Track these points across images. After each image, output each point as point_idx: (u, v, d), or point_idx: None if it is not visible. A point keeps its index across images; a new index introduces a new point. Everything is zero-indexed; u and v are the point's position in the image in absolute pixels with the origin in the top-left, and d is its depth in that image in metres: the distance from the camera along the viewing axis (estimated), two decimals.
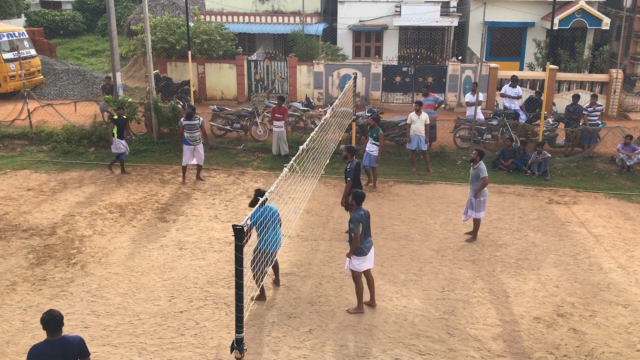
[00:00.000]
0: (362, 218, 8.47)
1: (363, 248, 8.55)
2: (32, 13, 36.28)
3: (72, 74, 24.30)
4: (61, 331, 5.59)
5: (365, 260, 8.63)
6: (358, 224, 8.41)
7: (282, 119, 15.80)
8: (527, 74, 21.37)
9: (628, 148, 15.39)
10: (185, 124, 13.94)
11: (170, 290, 9.39)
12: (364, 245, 8.56)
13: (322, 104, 21.10)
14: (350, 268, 8.71)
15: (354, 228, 8.41)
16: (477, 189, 10.96)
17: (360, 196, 8.66)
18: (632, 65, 22.49)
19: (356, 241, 8.44)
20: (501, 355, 7.90)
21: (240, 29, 24.36)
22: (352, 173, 11.04)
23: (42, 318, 5.53)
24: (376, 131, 13.47)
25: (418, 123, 14.77)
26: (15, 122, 18.51)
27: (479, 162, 10.96)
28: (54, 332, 5.53)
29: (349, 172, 11.07)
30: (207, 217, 12.25)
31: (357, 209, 8.58)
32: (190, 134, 13.94)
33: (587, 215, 12.62)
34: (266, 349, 7.94)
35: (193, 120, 13.94)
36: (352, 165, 11.06)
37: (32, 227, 11.64)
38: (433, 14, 23.33)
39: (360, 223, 8.41)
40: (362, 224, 8.46)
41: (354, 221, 8.42)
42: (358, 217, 8.44)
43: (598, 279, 9.94)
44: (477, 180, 10.97)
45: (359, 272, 8.69)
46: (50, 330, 5.52)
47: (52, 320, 5.51)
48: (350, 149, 11.27)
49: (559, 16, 21.83)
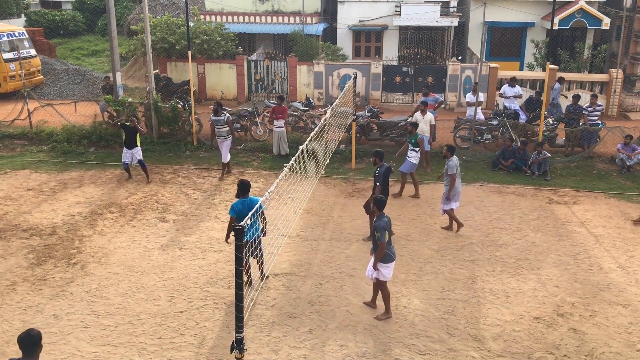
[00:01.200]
0: (387, 225, 8.33)
1: (390, 254, 8.42)
2: (32, 13, 36.27)
3: (72, 74, 24.30)
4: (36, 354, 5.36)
5: (392, 266, 8.49)
6: (384, 231, 8.24)
7: (282, 118, 15.80)
8: (527, 74, 21.38)
9: (628, 148, 15.39)
10: (213, 119, 14.29)
11: (170, 290, 9.39)
12: (390, 250, 8.44)
13: (322, 104, 21.10)
14: (377, 277, 8.49)
15: (381, 236, 8.23)
16: (448, 186, 11.32)
17: (382, 202, 8.53)
18: (632, 65, 22.49)
19: (382, 249, 8.27)
20: (501, 355, 7.91)
21: (240, 29, 24.35)
22: (381, 178, 10.73)
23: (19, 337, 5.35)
24: (415, 136, 13.21)
25: (422, 123, 14.83)
26: (15, 122, 18.51)
27: (450, 157, 11.36)
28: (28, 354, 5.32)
29: (377, 177, 10.77)
30: (207, 217, 12.25)
31: (380, 215, 8.42)
32: (217, 129, 14.23)
33: (587, 215, 12.62)
34: (266, 349, 7.94)
35: (219, 115, 14.17)
36: (382, 169, 10.78)
37: (32, 227, 11.64)
38: (433, 14, 23.33)
39: (386, 231, 8.26)
40: (388, 231, 8.32)
41: (380, 229, 8.24)
42: (383, 225, 8.27)
43: (598, 279, 9.94)
44: (447, 175, 11.41)
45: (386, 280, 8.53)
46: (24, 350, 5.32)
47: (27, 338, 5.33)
48: (379, 154, 10.92)
49: (559, 16, 21.83)
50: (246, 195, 9.03)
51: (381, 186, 10.74)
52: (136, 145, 14.07)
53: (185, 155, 16.41)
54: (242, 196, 9.04)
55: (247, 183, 9.10)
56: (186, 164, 15.71)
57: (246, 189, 9.06)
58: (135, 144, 14.07)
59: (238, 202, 8.98)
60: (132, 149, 14.03)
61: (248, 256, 8.50)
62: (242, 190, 9.05)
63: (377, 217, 8.43)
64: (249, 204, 8.88)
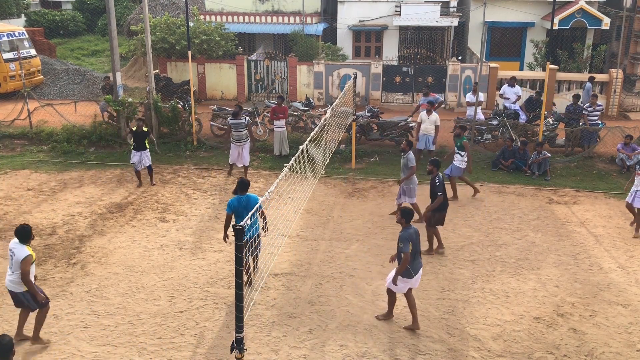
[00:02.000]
0: (411, 237, 8.13)
1: (411, 270, 8.18)
2: (32, 13, 36.27)
3: (72, 74, 24.30)
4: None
5: (409, 282, 8.29)
6: (408, 243, 8.06)
7: (283, 118, 15.79)
8: (527, 74, 21.37)
9: (628, 148, 15.39)
10: (232, 122, 14.09)
11: (170, 290, 9.39)
12: (412, 265, 8.20)
13: (322, 104, 21.10)
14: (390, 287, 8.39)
15: (404, 247, 8.06)
16: (405, 177, 11.69)
17: (409, 213, 8.33)
18: (632, 65, 22.49)
19: (406, 261, 8.06)
20: (501, 355, 7.91)
21: (240, 29, 24.35)
22: (442, 187, 10.37)
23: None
24: (460, 140, 13.01)
25: (427, 123, 14.87)
26: (15, 122, 18.51)
27: (408, 151, 11.69)
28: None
29: (438, 186, 10.37)
30: (207, 217, 12.25)
31: (407, 227, 8.23)
32: (237, 132, 14.02)
33: (587, 215, 12.62)
34: (266, 349, 7.94)
35: (239, 119, 14.03)
36: (441, 178, 10.48)
37: (32, 227, 11.59)
38: (433, 14, 23.32)
39: (410, 242, 8.07)
40: (412, 243, 8.12)
41: (404, 240, 8.07)
42: (408, 236, 8.08)
43: (598, 279, 9.94)
44: (407, 168, 11.61)
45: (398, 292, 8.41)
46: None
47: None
48: (436, 163, 10.60)
49: (559, 16, 21.83)
50: (244, 193, 9.17)
51: (442, 196, 10.36)
52: (146, 148, 13.92)
53: (185, 155, 16.42)
54: (240, 193, 9.15)
55: (246, 181, 9.31)
56: (186, 164, 15.71)
57: (245, 186, 9.21)
58: (145, 146, 13.92)
59: (234, 199, 9.13)
60: (142, 151, 13.87)
61: (248, 256, 8.52)
62: (241, 187, 9.19)
63: (404, 228, 8.22)
64: (245, 201, 9.02)
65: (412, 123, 16.62)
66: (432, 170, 10.61)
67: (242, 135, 14.04)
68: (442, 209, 10.49)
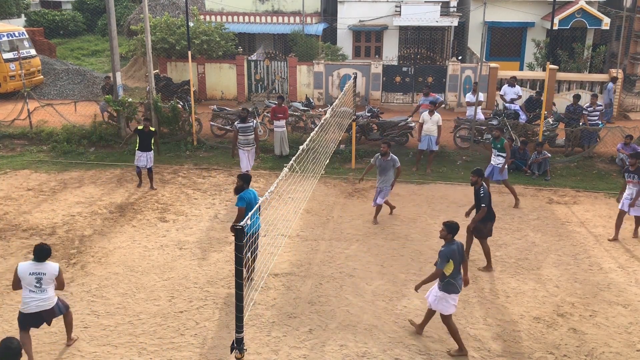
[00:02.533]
0: (452, 254, 7.65)
1: (456, 284, 7.73)
2: (32, 13, 36.26)
3: (72, 74, 24.30)
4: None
5: (456, 300, 7.84)
6: (446, 260, 7.61)
7: (283, 118, 15.78)
8: (527, 74, 21.37)
9: (628, 148, 15.35)
10: (240, 127, 13.57)
11: (170, 290, 9.39)
12: (457, 281, 7.75)
13: (322, 104, 21.09)
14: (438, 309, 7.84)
15: (439, 263, 7.65)
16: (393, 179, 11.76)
17: (455, 228, 7.80)
18: (632, 65, 22.48)
19: (435, 277, 7.69)
20: (501, 355, 7.90)
21: (240, 29, 24.35)
22: (487, 198, 9.93)
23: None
24: (500, 141, 12.78)
25: (430, 123, 14.84)
26: (15, 122, 18.51)
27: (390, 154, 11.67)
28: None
29: (483, 198, 9.91)
30: (207, 217, 12.26)
31: (450, 242, 7.76)
32: (245, 137, 13.57)
33: (587, 215, 12.62)
34: (266, 349, 7.94)
35: (247, 122, 13.62)
36: (486, 189, 10.02)
37: (32, 227, 11.63)
38: (433, 14, 23.32)
39: (449, 259, 7.61)
40: (453, 260, 7.63)
41: (442, 256, 7.64)
42: (448, 253, 7.62)
43: (598, 279, 9.94)
44: (389, 170, 11.65)
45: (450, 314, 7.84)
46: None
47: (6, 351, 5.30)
48: (480, 173, 10.10)
49: (559, 16, 21.82)
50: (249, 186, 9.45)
51: (487, 207, 9.90)
52: (151, 149, 13.74)
53: (185, 155, 16.42)
54: (247, 187, 9.38)
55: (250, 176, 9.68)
56: (186, 164, 15.71)
57: (249, 180, 9.47)
58: (150, 147, 13.74)
59: (245, 193, 9.24)
60: (147, 152, 13.69)
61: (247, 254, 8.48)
62: (247, 181, 9.42)
63: (447, 243, 7.74)
64: (253, 194, 9.33)
65: (412, 123, 16.62)
66: (476, 180, 10.04)
67: (249, 139, 13.66)
68: (490, 219, 10.07)
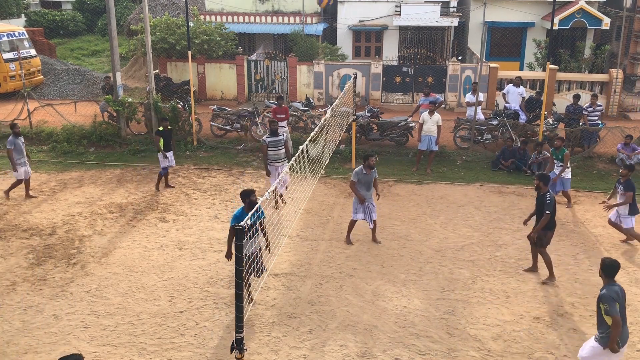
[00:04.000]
0: (618, 296, 6.43)
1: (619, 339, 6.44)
2: (32, 13, 36.27)
3: (72, 74, 24.31)
4: None
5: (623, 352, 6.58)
6: (614, 303, 6.34)
7: (285, 119, 15.73)
8: (527, 74, 21.36)
9: (628, 148, 15.38)
10: (269, 140, 12.23)
11: (170, 290, 9.39)
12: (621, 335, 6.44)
13: (322, 104, 21.10)
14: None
15: (610, 310, 6.30)
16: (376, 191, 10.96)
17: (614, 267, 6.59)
18: (632, 65, 22.47)
19: (618, 327, 6.32)
20: (501, 355, 7.91)
21: (240, 29, 24.36)
22: (552, 206, 9.48)
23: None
24: (561, 152, 12.52)
25: (430, 123, 14.82)
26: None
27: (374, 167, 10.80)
28: None
29: (548, 205, 9.45)
30: (207, 217, 12.26)
31: (610, 283, 6.53)
32: (275, 151, 12.24)
33: (587, 215, 12.61)
34: (266, 349, 7.94)
35: (278, 136, 12.35)
36: (552, 196, 9.56)
37: (32, 227, 11.64)
38: (433, 14, 23.32)
39: (616, 302, 6.37)
40: (620, 304, 6.44)
41: (609, 300, 6.33)
42: (613, 295, 6.37)
43: (598, 279, 9.85)
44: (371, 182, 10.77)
45: None
46: None
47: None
48: (544, 178, 9.57)
49: (559, 16, 21.82)
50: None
51: (550, 215, 9.54)
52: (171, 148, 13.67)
53: (185, 155, 16.41)
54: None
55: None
56: (186, 164, 15.71)
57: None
58: (171, 146, 13.65)
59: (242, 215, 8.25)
60: (170, 151, 13.58)
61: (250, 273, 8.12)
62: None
63: (607, 284, 6.60)
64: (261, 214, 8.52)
65: (412, 123, 16.63)
66: (540, 186, 9.54)
67: (280, 154, 12.30)
68: (550, 227, 9.74)
